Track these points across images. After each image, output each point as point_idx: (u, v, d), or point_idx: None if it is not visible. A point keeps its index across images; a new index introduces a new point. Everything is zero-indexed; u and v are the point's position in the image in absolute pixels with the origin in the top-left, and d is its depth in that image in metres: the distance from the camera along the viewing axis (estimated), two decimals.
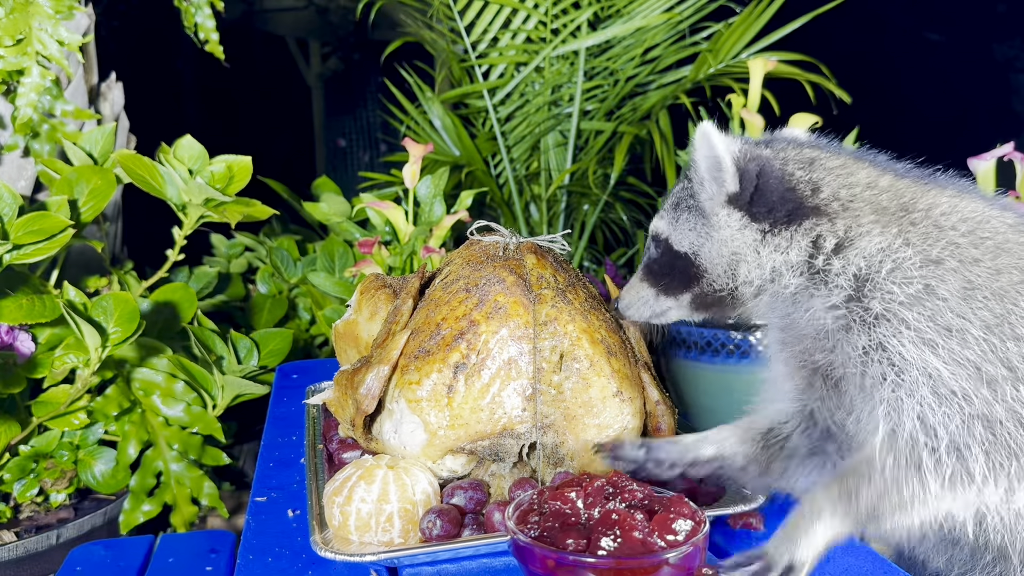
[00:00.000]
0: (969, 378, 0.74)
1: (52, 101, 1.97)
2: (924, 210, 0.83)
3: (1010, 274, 0.77)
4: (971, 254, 0.79)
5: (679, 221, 0.94)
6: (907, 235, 0.81)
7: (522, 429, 0.97)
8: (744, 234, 0.89)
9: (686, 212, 0.93)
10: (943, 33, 4.69)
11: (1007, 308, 0.74)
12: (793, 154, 0.91)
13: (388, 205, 1.93)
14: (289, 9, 5.76)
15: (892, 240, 0.81)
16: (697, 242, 0.92)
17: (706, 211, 0.91)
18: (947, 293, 0.76)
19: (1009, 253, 0.79)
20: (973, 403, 0.73)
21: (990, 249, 0.79)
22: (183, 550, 1.35)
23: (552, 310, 0.99)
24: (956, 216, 0.82)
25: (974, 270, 0.77)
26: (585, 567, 0.73)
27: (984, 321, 0.74)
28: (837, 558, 0.89)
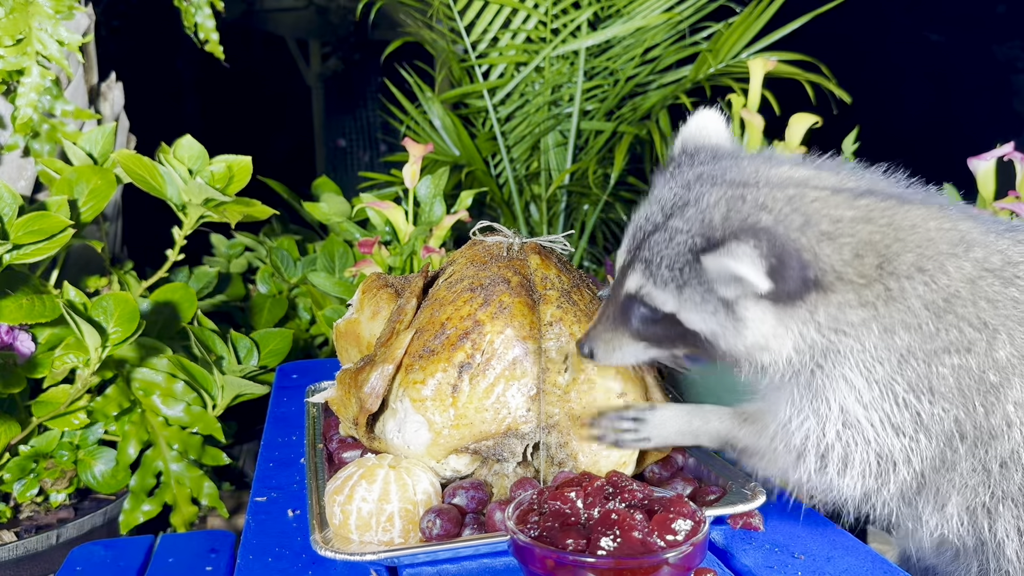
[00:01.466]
0: (879, 421, 0.84)
1: (52, 101, 1.97)
2: (904, 273, 0.83)
3: (947, 333, 0.82)
4: (926, 325, 0.83)
5: (689, 301, 0.85)
6: (877, 306, 0.83)
7: (526, 429, 0.97)
8: (771, 325, 0.84)
9: (699, 295, 0.85)
10: (943, 33, 4.69)
11: (932, 369, 0.82)
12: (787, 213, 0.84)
13: (388, 205, 1.93)
14: (289, 9, 5.76)
15: (864, 313, 0.83)
16: (719, 330, 0.85)
17: (729, 299, 0.84)
18: (887, 359, 0.83)
19: (951, 311, 0.83)
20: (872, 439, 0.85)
21: (946, 314, 0.83)
22: (183, 550, 1.35)
23: (557, 311, 0.99)
24: (928, 286, 0.83)
25: (919, 342, 0.83)
26: (585, 567, 0.73)
27: (909, 382, 0.83)
28: (837, 558, 0.89)
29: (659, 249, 0.86)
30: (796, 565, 0.88)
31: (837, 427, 0.85)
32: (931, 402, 0.82)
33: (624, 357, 0.93)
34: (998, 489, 0.85)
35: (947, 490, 0.86)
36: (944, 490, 0.86)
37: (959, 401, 0.82)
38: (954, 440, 0.83)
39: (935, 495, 0.87)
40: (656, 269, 0.87)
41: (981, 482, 0.85)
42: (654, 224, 0.88)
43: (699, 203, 0.86)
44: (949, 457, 0.84)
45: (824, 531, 0.95)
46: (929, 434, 0.83)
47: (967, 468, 0.84)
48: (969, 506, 0.87)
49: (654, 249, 0.87)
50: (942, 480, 0.85)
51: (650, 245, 0.87)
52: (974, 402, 0.82)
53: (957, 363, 0.82)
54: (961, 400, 0.82)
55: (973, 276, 0.83)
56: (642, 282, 0.88)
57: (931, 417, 0.83)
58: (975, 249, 0.85)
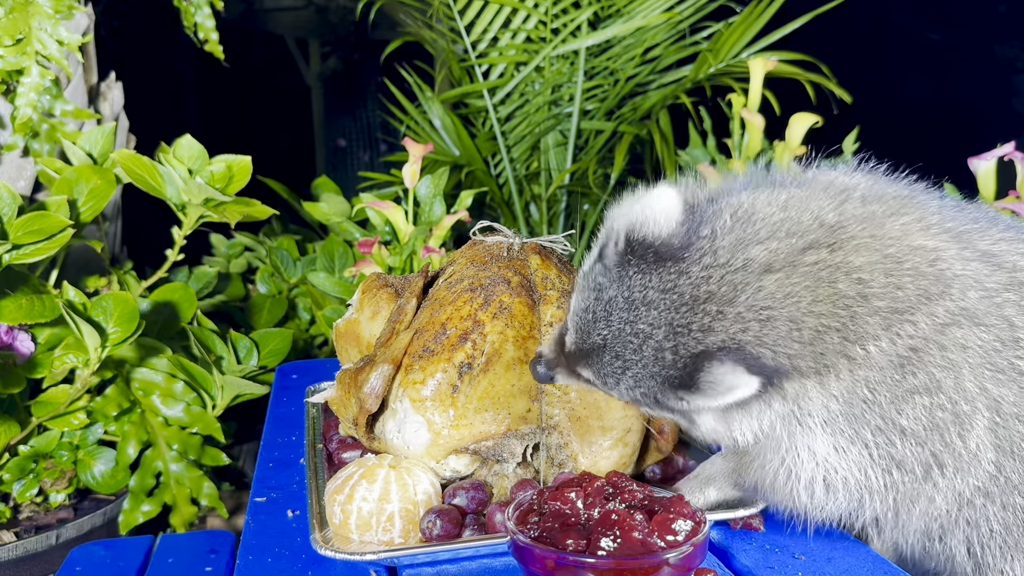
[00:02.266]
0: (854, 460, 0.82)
1: (52, 101, 1.97)
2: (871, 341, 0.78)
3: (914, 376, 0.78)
4: (891, 380, 0.78)
5: (641, 402, 0.85)
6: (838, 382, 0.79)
7: (526, 430, 0.96)
8: (725, 426, 0.84)
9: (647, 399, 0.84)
10: (943, 33, 4.69)
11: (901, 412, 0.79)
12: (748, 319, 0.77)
13: (388, 205, 1.93)
14: (289, 9, 5.76)
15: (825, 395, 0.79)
16: (672, 418, 0.88)
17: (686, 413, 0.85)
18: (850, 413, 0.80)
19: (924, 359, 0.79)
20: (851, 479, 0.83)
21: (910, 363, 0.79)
22: (183, 550, 1.35)
23: (558, 311, 0.99)
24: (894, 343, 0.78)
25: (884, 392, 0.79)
26: (585, 567, 0.73)
27: (875, 425, 0.80)
28: (838, 558, 0.89)
29: (610, 365, 0.83)
30: (796, 565, 0.88)
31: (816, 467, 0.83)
32: (902, 443, 0.80)
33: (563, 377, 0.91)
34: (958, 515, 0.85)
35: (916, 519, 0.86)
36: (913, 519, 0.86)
37: (934, 435, 0.80)
38: (932, 472, 0.81)
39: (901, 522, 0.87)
40: (607, 376, 0.84)
41: (951, 510, 0.84)
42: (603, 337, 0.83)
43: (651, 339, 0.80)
44: (928, 490, 0.82)
45: (824, 531, 0.95)
46: (903, 468, 0.81)
47: (942, 499, 0.83)
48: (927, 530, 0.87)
49: (604, 362, 0.84)
50: (916, 510, 0.84)
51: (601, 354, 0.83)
52: (951, 434, 0.80)
53: (929, 402, 0.79)
54: (939, 434, 0.80)
55: (943, 323, 0.78)
56: (593, 377, 0.87)
57: (903, 455, 0.80)
58: (952, 288, 0.79)
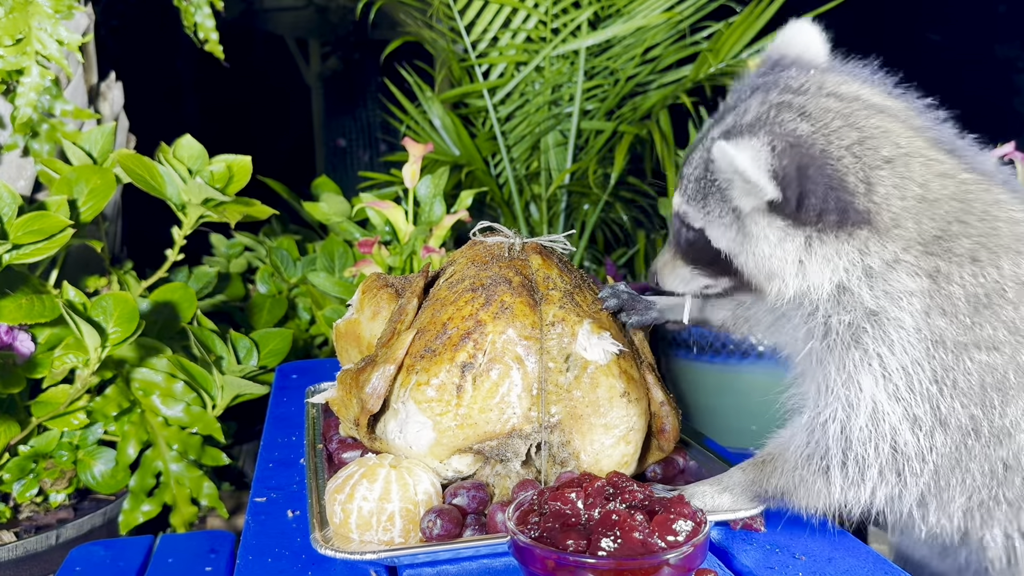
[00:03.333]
0: (901, 415, 0.80)
1: (52, 101, 1.97)
2: (956, 258, 0.77)
3: (980, 329, 0.78)
4: (962, 317, 0.78)
5: (710, 215, 0.81)
6: (924, 281, 0.78)
7: (529, 429, 0.96)
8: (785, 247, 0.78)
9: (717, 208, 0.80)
10: (943, 33, 4.69)
11: (959, 364, 0.78)
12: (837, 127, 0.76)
13: (388, 205, 1.93)
14: (289, 9, 5.76)
15: (913, 284, 0.78)
16: (733, 247, 0.81)
17: (741, 211, 0.78)
18: (918, 343, 0.79)
19: (990, 308, 0.79)
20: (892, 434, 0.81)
21: (985, 309, 0.78)
22: (183, 550, 1.35)
23: (560, 311, 0.99)
24: (976, 279, 0.78)
25: (950, 329, 0.78)
26: (585, 568, 0.73)
27: (935, 372, 0.78)
28: (838, 559, 0.89)
29: (693, 162, 0.83)
30: (797, 566, 0.88)
31: (862, 420, 0.81)
32: (951, 396, 0.79)
33: (680, 282, 0.91)
34: (998, 491, 0.84)
35: (956, 491, 0.84)
36: (953, 491, 0.84)
37: (979, 398, 0.79)
38: (969, 438, 0.80)
39: (942, 492, 0.84)
40: (689, 183, 0.83)
41: (985, 483, 0.83)
42: (698, 138, 0.85)
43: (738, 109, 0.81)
44: (964, 456, 0.81)
45: (825, 532, 0.95)
46: (947, 429, 0.80)
47: (977, 468, 0.82)
48: (968, 508, 0.85)
49: (691, 164, 0.84)
50: (953, 480, 0.83)
51: (690, 160, 0.84)
52: (994, 401, 0.79)
53: (985, 360, 0.78)
54: (981, 397, 0.79)
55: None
56: (680, 200, 0.85)
57: (949, 411, 0.79)
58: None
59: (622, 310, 1.06)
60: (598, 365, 0.97)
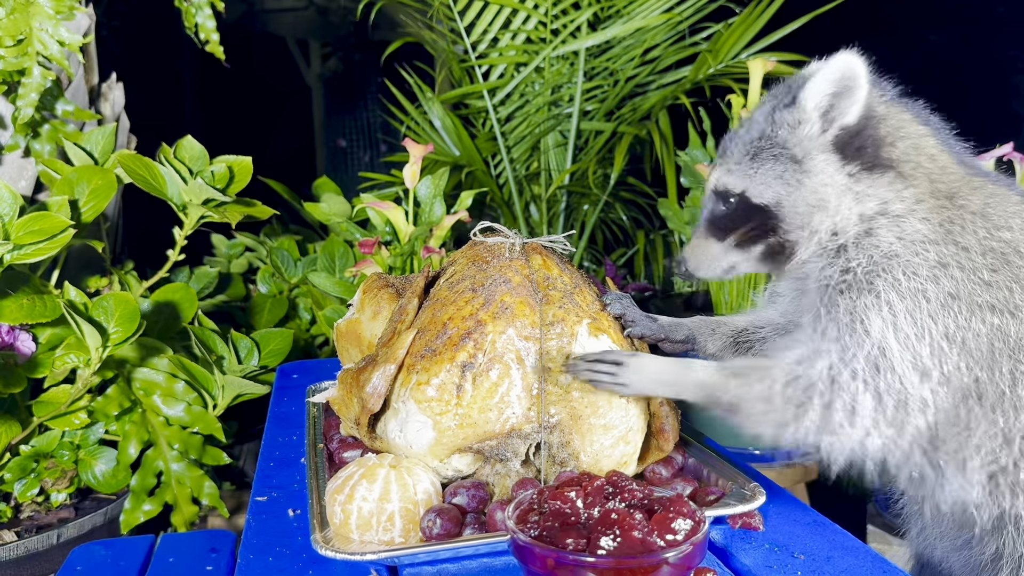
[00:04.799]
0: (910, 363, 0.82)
1: (53, 101, 1.97)
2: (970, 213, 0.85)
3: (997, 290, 0.82)
4: (980, 273, 0.82)
5: (759, 172, 0.91)
6: (941, 234, 0.84)
7: (529, 429, 0.97)
8: (836, 179, 0.88)
9: (770, 161, 0.90)
10: (943, 33, 4.69)
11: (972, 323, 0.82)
12: (877, 94, 0.90)
13: (388, 205, 1.93)
14: (289, 9, 5.76)
15: (929, 231, 0.84)
16: (783, 191, 0.90)
17: (799, 156, 0.89)
18: (933, 296, 0.82)
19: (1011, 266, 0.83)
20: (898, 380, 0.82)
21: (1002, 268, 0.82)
22: (183, 550, 1.35)
23: (560, 311, 0.99)
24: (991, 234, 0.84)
25: (966, 284, 0.82)
26: (585, 566, 0.73)
27: (947, 328, 0.81)
28: (837, 558, 0.90)
29: (739, 138, 0.94)
30: (796, 565, 0.88)
31: (860, 364, 0.82)
32: (959, 355, 0.81)
33: (712, 264, 0.96)
34: (1022, 460, 0.83)
35: (966, 451, 0.84)
36: (962, 449, 0.84)
37: (986, 361, 0.81)
38: (970, 400, 0.81)
39: (954, 452, 0.84)
40: (732, 153, 0.94)
41: (1002, 449, 0.83)
42: (742, 125, 0.96)
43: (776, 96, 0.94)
44: (963, 416, 0.82)
45: (824, 531, 0.96)
46: (948, 386, 0.81)
47: (983, 432, 0.83)
48: (991, 472, 0.85)
49: (735, 140, 0.95)
50: (959, 438, 0.83)
51: (732, 140, 0.96)
52: (1002, 367, 0.81)
53: (997, 323, 0.81)
54: (989, 361, 0.81)
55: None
56: (719, 174, 0.94)
57: (954, 369, 0.81)
58: None
59: (622, 317, 1.05)
60: None
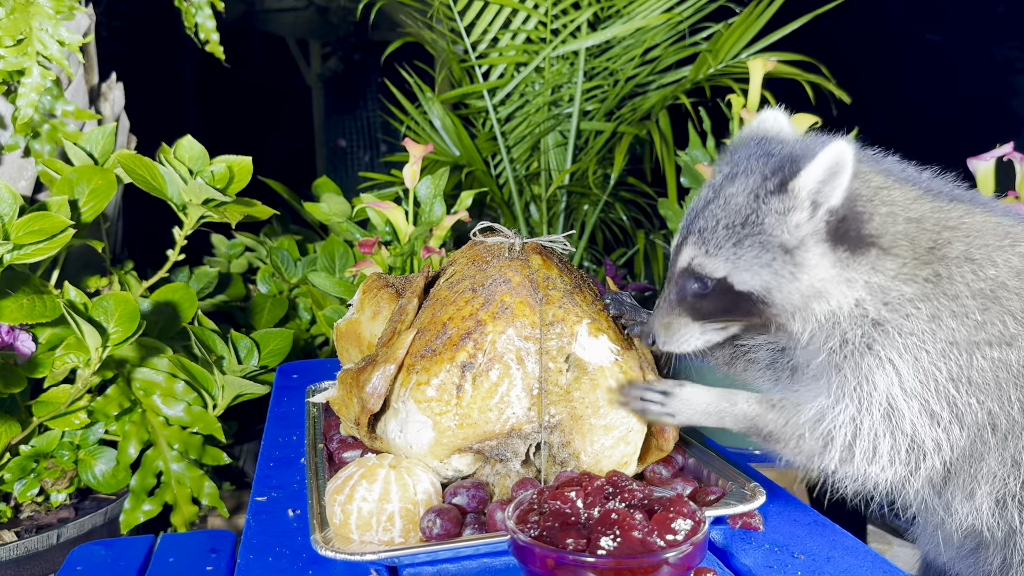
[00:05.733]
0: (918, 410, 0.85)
1: (53, 101, 1.97)
2: (954, 260, 0.85)
3: (991, 326, 0.84)
4: (972, 315, 0.84)
5: (743, 259, 0.87)
6: (928, 290, 0.85)
7: (529, 429, 0.97)
8: (831, 271, 0.85)
9: (756, 248, 0.86)
10: (943, 33, 4.69)
11: (973, 361, 0.84)
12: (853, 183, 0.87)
13: (388, 205, 1.93)
14: (289, 9, 5.77)
15: (916, 291, 0.85)
16: (773, 281, 0.86)
17: (790, 245, 0.85)
18: (931, 347, 0.85)
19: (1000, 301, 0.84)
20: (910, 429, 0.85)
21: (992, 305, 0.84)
22: (183, 550, 1.35)
23: (559, 311, 0.99)
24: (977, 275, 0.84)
25: (961, 329, 0.84)
26: (585, 567, 0.73)
27: (950, 372, 0.84)
28: (837, 558, 0.90)
29: (713, 215, 0.89)
30: (796, 565, 0.88)
31: (876, 415, 0.85)
32: (968, 392, 0.83)
33: (683, 340, 0.95)
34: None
35: (975, 480, 0.87)
36: (972, 480, 0.87)
37: (995, 394, 0.83)
38: (985, 432, 0.84)
39: (963, 484, 0.87)
40: (710, 236, 0.89)
41: (1011, 474, 0.86)
42: (706, 199, 0.91)
43: (748, 168, 0.89)
44: (979, 449, 0.85)
45: (824, 531, 0.96)
46: (962, 424, 0.84)
47: (995, 460, 0.85)
48: (998, 497, 0.87)
49: (708, 218, 0.89)
50: (970, 470, 0.86)
51: (703, 216, 0.90)
52: (1010, 395, 0.83)
53: (997, 356, 0.83)
54: (997, 393, 0.83)
55: (1020, 269, 0.85)
56: (694, 253, 0.90)
57: (966, 407, 0.83)
58: (1021, 245, 0.87)
59: (622, 317, 1.06)
60: (598, 366, 0.97)
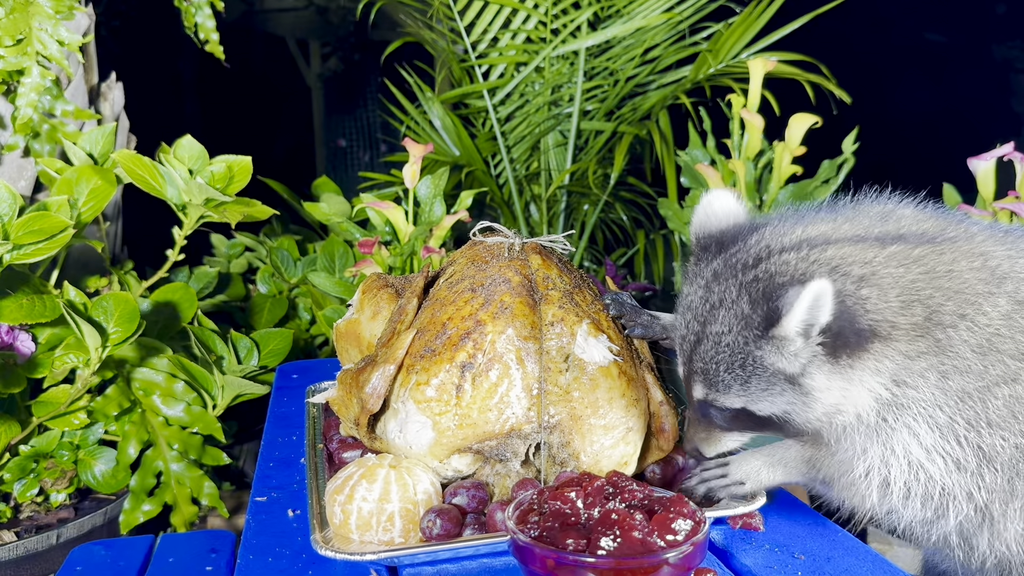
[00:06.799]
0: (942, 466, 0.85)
1: (52, 101, 1.97)
2: (949, 323, 0.84)
3: (994, 368, 0.84)
4: (975, 366, 0.84)
5: (754, 393, 0.87)
6: (932, 358, 0.84)
7: (528, 429, 0.97)
8: (839, 384, 0.84)
9: (763, 383, 0.86)
10: (943, 33, 4.69)
11: (988, 404, 0.84)
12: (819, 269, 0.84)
13: (388, 205, 1.93)
14: (289, 9, 5.77)
15: (926, 364, 0.84)
16: (790, 408, 0.87)
17: (795, 373, 0.84)
18: (943, 403, 0.84)
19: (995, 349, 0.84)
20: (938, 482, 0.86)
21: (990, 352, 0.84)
22: (183, 550, 1.35)
23: (559, 311, 0.99)
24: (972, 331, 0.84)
25: (972, 381, 0.84)
26: (585, 567, 0.73)
27: (967, 418, 0.84)
28: (837, 558, 0.90)
29: (710, 358, 0.88)
30: (796, 565, 0.88)
31: (902, 467, 0.86)
32: (990, 434, 0.84)
33: (723, 445, 0.96)
34: None
35: (1012, 519, 0.86)
36: (1006, 520, 0.87)
37: (1016, 428, 0.84)
38: (1020, 465, 0.84)
39: (993, 524, 0.87)
40: (714, 377, 0.88)
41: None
42: (696, 335, 0.90)
43: (725, 302, 0.87)
44: (1019, 488, 0.85)
45: (824, 531, 0.96)
46: (993, 465, 0.84)
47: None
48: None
49: (705, 359, 0.89)
50: (1005, 510, 0.86)
51: (700, 356, 0.89)
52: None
53: (1008, 393, 0.83)
54: (1019, 427, 0.84)
55: (1008, 311, 0.85)
56: (706, 391, 0.90)
57: (992, 448, 0.84)
58: (1006, 283, 0.86)
59: (622, 317, 1.06)
60: (597, 366, 0.97)
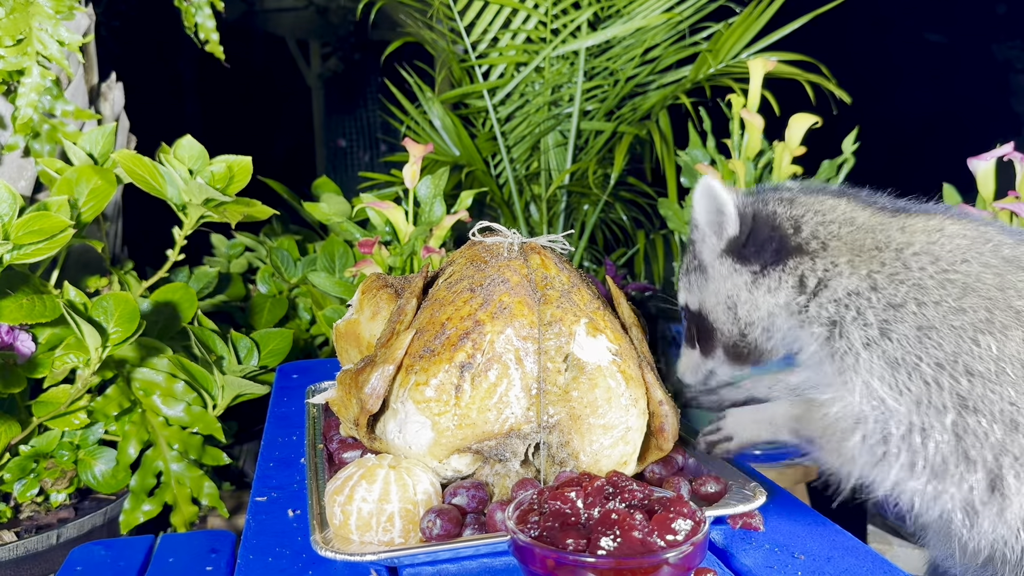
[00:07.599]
0: (910, 407, 0.83)
1: (52, 101, 1.97)
2: (896, 249, 0.87)
3: (974, 312, 0.81)
4: (934, 296, 0.83)
5: (690, 284, 1.03)
6: (875, 277, 0.87)
7: (528, 429, 0.97)
8: (734, 279, 0.96)
9: (693, 273, 1.02)
10: (943, 33, 4.69)
11: (961, 346, 0.80)
12: (774, 195, 0.98)
13: (388, 205, 1.93)
14: (289, 9, 5.77)
15: (860, 283, 0.87)
16: (701, 296, 1.01)
17: (705, 264, 0.99)
18: (900, 335, 0.83)
19: (976, 292, 0.82)
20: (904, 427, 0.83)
21: (957, 288, 0.83)
22: (183, 550, 1.35)
23: (558, 310, 0.99)
24: (927, 257, 0.85)
25: (932, 311, 0.82)
26: (585, 567, 0.73)
27: (936, 359, 0.81)
28: (837, 558, 0.90)
29: (685, 262, 1.05)
30: (796, 565, 0.88)
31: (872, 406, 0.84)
32: (970, 382, 0.79)
33: (694, 371, 1.07)
34: None
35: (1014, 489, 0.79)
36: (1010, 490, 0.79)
37: (1009, 381, 0.78)
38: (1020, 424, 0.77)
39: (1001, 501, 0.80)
40: (681, 279, 1.05)
41: None
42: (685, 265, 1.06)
43: None
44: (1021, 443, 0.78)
45: (824, 531, 0.96)
46: (978, 414, 0.78)
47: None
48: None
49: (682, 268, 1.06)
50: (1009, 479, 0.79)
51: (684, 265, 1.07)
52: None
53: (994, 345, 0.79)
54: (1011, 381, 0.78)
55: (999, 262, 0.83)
56: (682, 295, 1.06)
57: (980, 398, 0.78)
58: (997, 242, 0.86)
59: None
60: (596, 365, 0.97)
